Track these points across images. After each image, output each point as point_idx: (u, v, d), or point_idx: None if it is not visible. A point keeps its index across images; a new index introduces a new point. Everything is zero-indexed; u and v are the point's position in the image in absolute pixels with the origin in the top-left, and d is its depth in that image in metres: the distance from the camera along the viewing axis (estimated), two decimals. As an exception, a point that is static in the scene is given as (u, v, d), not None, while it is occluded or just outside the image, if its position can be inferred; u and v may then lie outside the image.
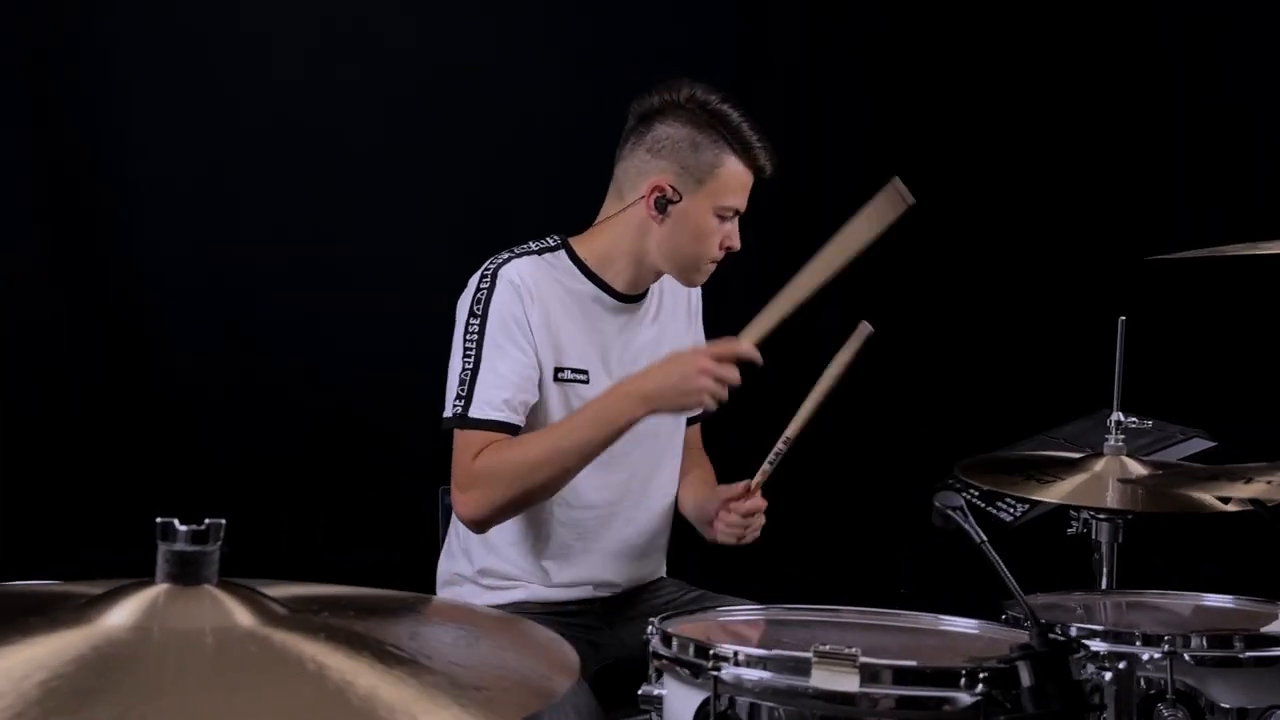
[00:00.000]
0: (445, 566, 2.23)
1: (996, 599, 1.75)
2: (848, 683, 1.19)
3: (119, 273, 2.87)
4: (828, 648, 1.21)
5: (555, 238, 2.20)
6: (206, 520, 1.08)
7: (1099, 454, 2.12)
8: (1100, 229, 3.13)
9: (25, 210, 2.77)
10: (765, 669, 1.26)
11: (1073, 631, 1.58)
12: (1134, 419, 2.12)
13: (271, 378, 2.95)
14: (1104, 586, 2.16)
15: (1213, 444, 2.40)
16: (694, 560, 2.28)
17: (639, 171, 2.14)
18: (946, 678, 1.20)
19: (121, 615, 0.98)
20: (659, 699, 1.41)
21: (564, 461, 2.01)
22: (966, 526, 1.30)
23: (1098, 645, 1.54)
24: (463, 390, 2.09)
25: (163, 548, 1.04)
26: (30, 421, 2.76)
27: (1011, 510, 2.39)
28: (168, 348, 2.88)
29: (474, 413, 2.06)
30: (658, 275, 2.24)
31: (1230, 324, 2.63)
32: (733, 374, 1.94)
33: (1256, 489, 1.55)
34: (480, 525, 2.08)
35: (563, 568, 2.19)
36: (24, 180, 2.77)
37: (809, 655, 1.22)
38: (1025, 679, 1.17)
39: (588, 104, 2.77)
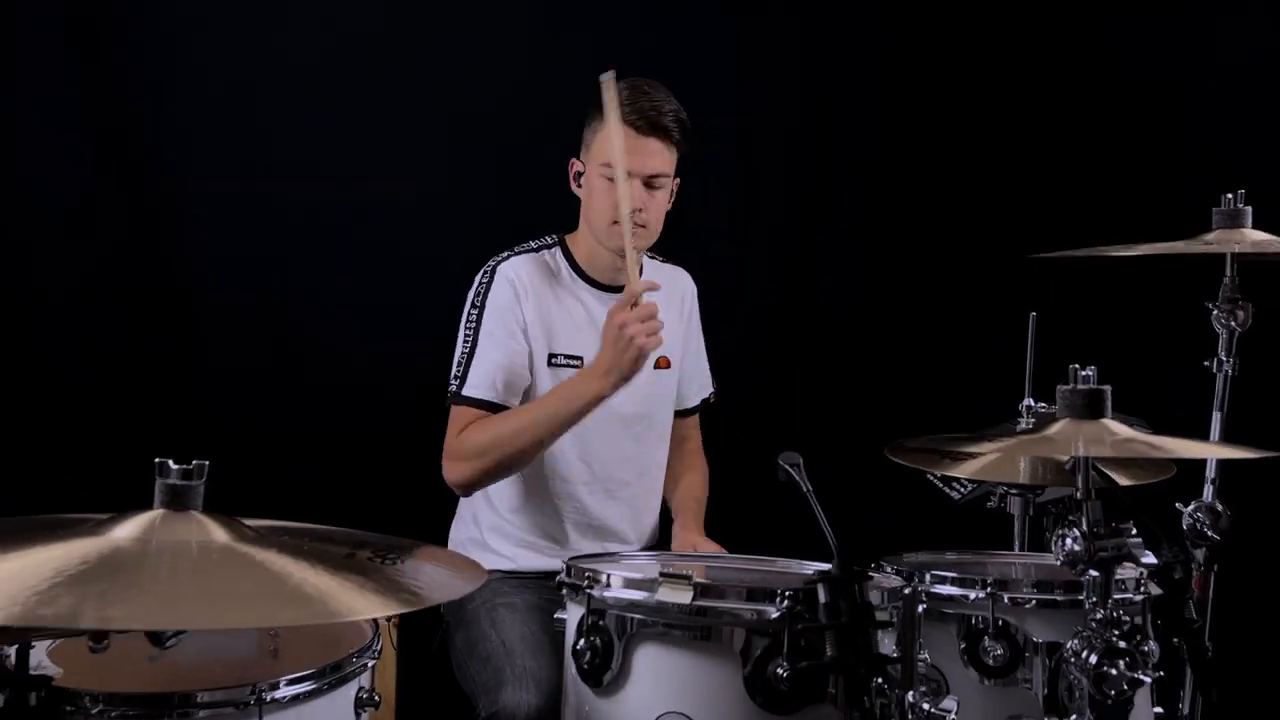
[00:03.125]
0: (456, 532, 2.45)
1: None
2: (683, 596, 1.48)
3: (165, 253, 2.97)
4: (670, 569, 1.51)
5: (553, 236, 2.41)
6: (193, 460, 1.42)
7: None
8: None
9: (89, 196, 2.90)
10: (624, 588, 1.54)
11: (927, 578, 1.83)
12: (1043, 405, 2.34)
13: (307, 354, 3.02)
14: (1017, 551, 2.40)
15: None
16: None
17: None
18: (761, 595, 1.47)
19: (126, 531, 1.34)
20: (564, 620, 1.68)
21: (536, 432, 2.18)
22: (798, 478, 1.57)
23: (946, 589, 1.80)
24: (459, 371, 2.28)
25: (159, 481, 1.39)
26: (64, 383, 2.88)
27: (961, 489, 2.63)
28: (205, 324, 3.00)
29: (466, 391, 2.25)
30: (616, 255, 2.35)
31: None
32: (648, 312, 2.07)
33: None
34: (465, 489, 2.28)
35: (562, 540, 2.37)
36: (89, 175, 2.89)
37: (655, 577, 1.51)
38: (822, 596, 1.44)
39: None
